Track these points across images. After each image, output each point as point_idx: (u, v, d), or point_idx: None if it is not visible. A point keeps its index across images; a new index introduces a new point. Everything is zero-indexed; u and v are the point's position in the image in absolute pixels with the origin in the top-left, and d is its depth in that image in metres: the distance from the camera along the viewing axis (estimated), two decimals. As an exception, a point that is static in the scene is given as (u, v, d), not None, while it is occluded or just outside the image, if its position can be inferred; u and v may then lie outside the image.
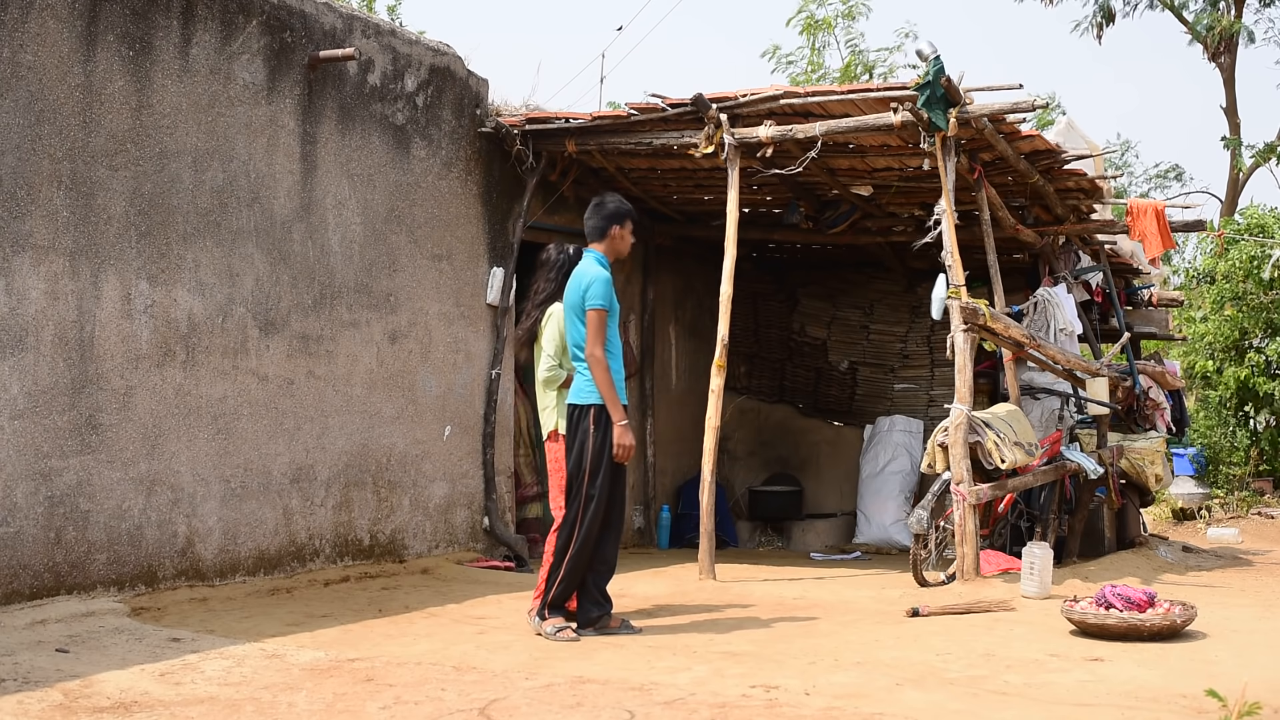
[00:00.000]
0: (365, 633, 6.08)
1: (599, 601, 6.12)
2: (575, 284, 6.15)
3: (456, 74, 8.88)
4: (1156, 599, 6.04)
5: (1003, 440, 7.47)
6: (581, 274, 6.15)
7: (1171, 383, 11.14)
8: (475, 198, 9.04)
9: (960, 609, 6.61)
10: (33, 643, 5.53)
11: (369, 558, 8.06)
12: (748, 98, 8.24)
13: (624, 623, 6.17)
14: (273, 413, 7.46)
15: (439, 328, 8.67)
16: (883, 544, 10.78)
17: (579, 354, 6.10)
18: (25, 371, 6.19)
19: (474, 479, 8.92)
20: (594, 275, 6.09)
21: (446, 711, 4.53)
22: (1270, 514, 13.94)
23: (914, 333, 12.03)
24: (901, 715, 4.46)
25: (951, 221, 7.75)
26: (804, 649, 5.67)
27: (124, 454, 6.64)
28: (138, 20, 6.76)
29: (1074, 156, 9.02)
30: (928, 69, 7.40)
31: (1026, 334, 8.40)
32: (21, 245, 6.20)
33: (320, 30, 7.80)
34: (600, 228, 6.29)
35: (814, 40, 21.45)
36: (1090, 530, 9.62)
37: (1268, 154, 22.48)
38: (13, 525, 6.10)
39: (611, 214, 6.31)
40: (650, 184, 10.23)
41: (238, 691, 4.84)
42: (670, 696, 4.73)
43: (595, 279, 6.07)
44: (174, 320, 6.94)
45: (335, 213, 7.92)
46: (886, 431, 11.32)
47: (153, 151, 6.84)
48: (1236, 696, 3.92)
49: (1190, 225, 10.69)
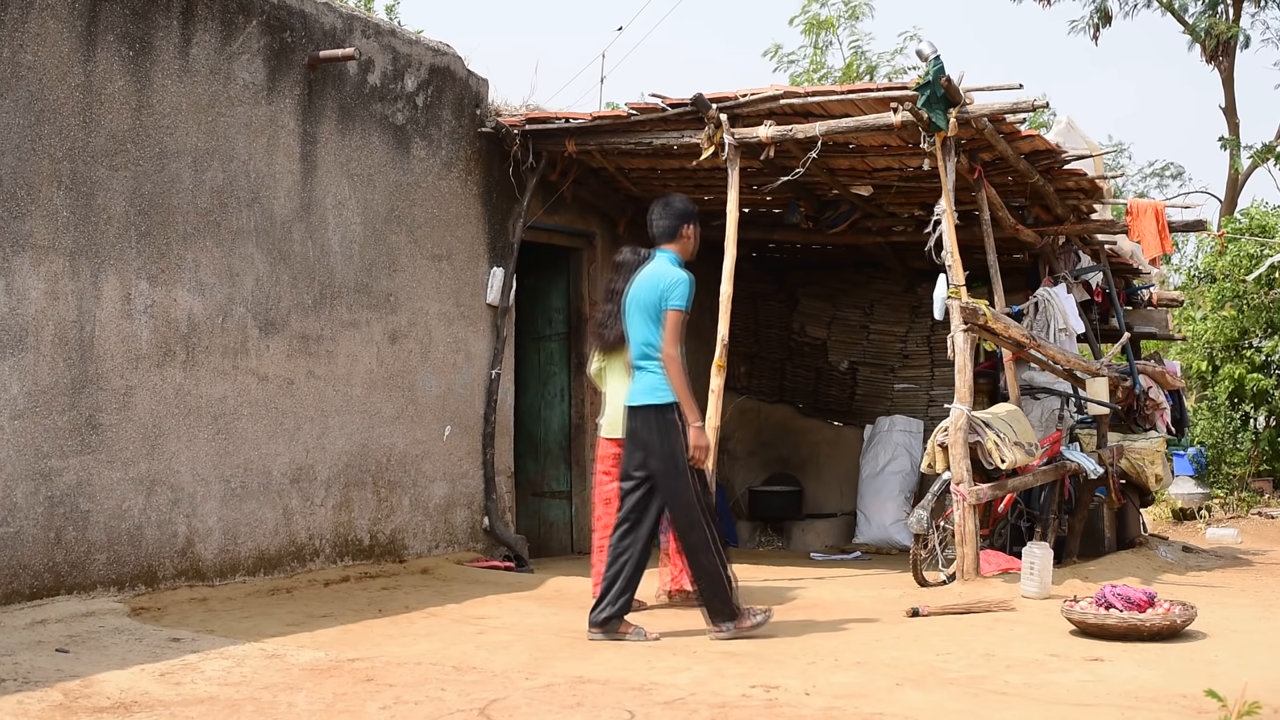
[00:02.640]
0: (365, 633, 6.08)
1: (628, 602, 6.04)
2: (651, 283, 6.02)
3: (456, 74, 8.88)
4: (1156, 599, 6.04)
5: (1003, 440, 7.47)
6: (660, 274, 6.03)
7: (1171, 383, 11.14)
8: (475, 198, 9.04)
9: (960, 609, 6.61)
10: (33, 643, 5.53)
11: (369, 558, 8.06)
12: (748, 98, 8.24)
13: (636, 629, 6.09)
14: (273, 413, 7.47)
15: (439, 328, 8.67)
16: (883, 544, 10.78)
17: (650, 353, 5.98)
18: (25, 371, 6.19)
19: (474, 479, 8.91)
20: (677, 276, 5.98)
21: (446, 711, 4.53)
22: (1270, 514, 13.95)
23: (914, 333, 12.02)
24: (901, 715, 4.46)
25: (951, 221, 7.75)
26: (804, 649, 5.67)
27: (124, 454, 6.64)
28: (138, 20, 6.76)
29: (1074, 156, 9.02)
30: (928, 69, 7.40)
31: (1026, 334, 8.40)
32: (21, 245, 6.20)
33: (320, 30, 7.80)
34: (673, 227, 6.18)
35: (816, 40, 21.43)
36: (1090, 530, 9.62)
37: (1266, 154, 22.47)
38: (13, 525, 6.10)
39: (682, 213, 6.21)
40: (650, 184, 10.23)
41: (238, 691, 4.84)
42: (670, 696, 4.73)
43: (680, 280, 5.97)
44: (174, 320, 6.94)
45: (335, 213, 7.92)
46: (886, 431, 11.32)
47: (153, 151, 6.84)
48: (1236, 696, 3.92)
49: (1190, 225, 10.70)
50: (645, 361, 6.01)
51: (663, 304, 5.94)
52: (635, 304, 6.08)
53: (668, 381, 5.92)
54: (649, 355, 5.99)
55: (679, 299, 5.93)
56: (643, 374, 6.02)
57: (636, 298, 6.08)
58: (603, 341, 6.92)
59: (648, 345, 5.99)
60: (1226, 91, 23.67)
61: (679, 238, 6.19)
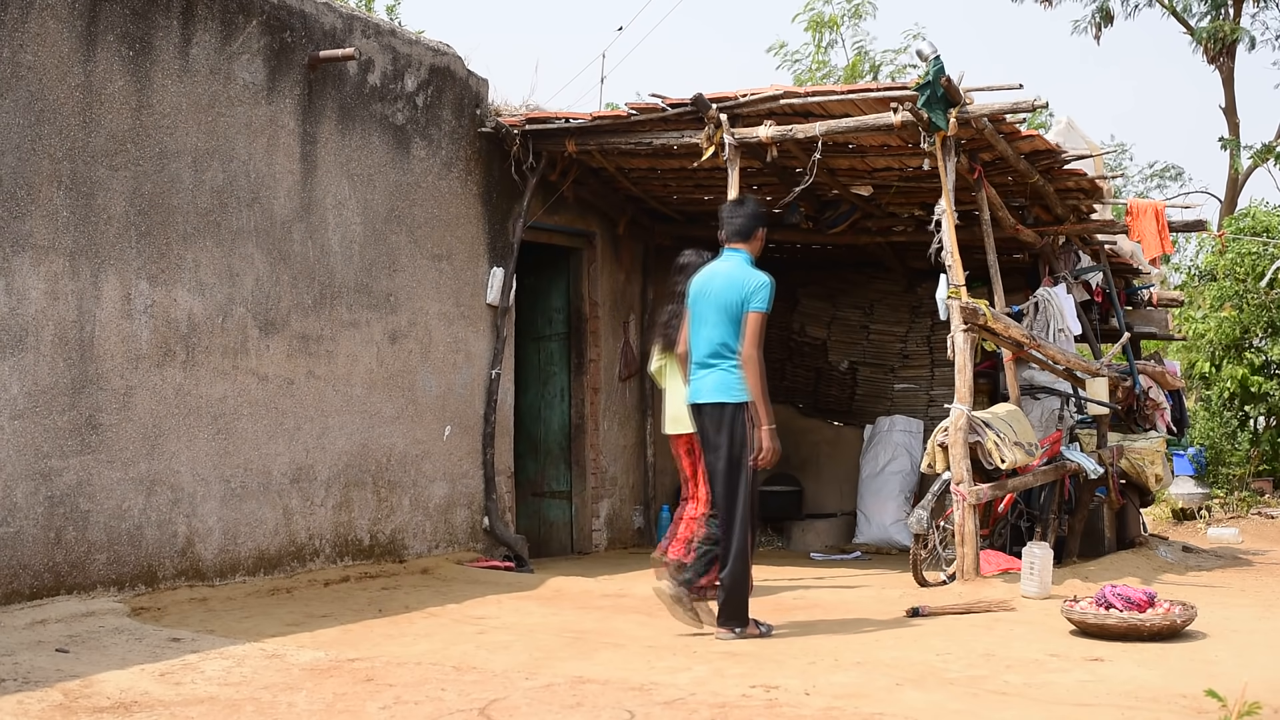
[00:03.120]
0: (365, 633, 6.08)
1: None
2: (735, 284, 5.99)
3: (456, 74, 8.89)
4: (1156, 599, 6.04)
5: (1003, 440, 7.47)
6: (744, 275, 6.01)
7: (1171, 383, 11.14)
8: (475, 198, 9.04)
9: (960, 609, 6.61)
10: (33, 643, 5.53)
11: (369, 558, 8.06)
12: (748, 98, 8.24)
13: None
14: (273, 413, 7.47)
15: (439, 328, 8.67)
16: (883, 544, 10.78)
17: (724, 352, 5.96)
18: (25, 371, 6.19)
19: (474, 479, 8.91)
20: (761, 279, 5.99)
21: (446, 711, 4.53)
22: (1270, 514, 13.94)
23: (914, 333, 12.02)
24: (901, 715, 4.46)
25: (951, 221, 7.75)
26: (804, 649, 5.67)
27: (124, 454, 6.64)
28: (138, 20, 6.76)
29: (1074, 156, 9.02)
30: (928, 69, 7.40)
31: (1026, 334, 8.40)
32: (21, 245, 6.20)
33: (320, 30, 7.80)
34: (750, 228, 6.16)
35: (819, 38, 21.42)
36: (1090, 530, 9.62)
37: (1266, 154, 22.47)
38: (13, 525, 6.10)
39: (757, 214, 6.20)
40: (650, 184, 10.23)
41: (238, 691, 4.84)
42: (670, 696, 4.73)
43: (765, 283, 5.98)
44: (174, 320, 6.94)
45: (335, 213, 7.92)
46: (886, 431, 11.31)
47: (153, 151, 6.84)
48: (1236, 696, 3.92)
49: (1190, 225, 10.69)
50: (717, 360, 5.98)
51: (745, 305, 5.94)
52: (711, 303, 6.03)
53: (743, 381, 5.91)
54: (722, 354, 5.97)
55: (762, 301, 5.95)
56: (713, 371, 5.99)
57: (714, 296, 6.03)
58: (667, 340, 6.99)
59: (722, 344, 5.97)
60: (1227, 91, 23.67)
61: (753, 238, 6.18)
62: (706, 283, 6.11)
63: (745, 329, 5.91)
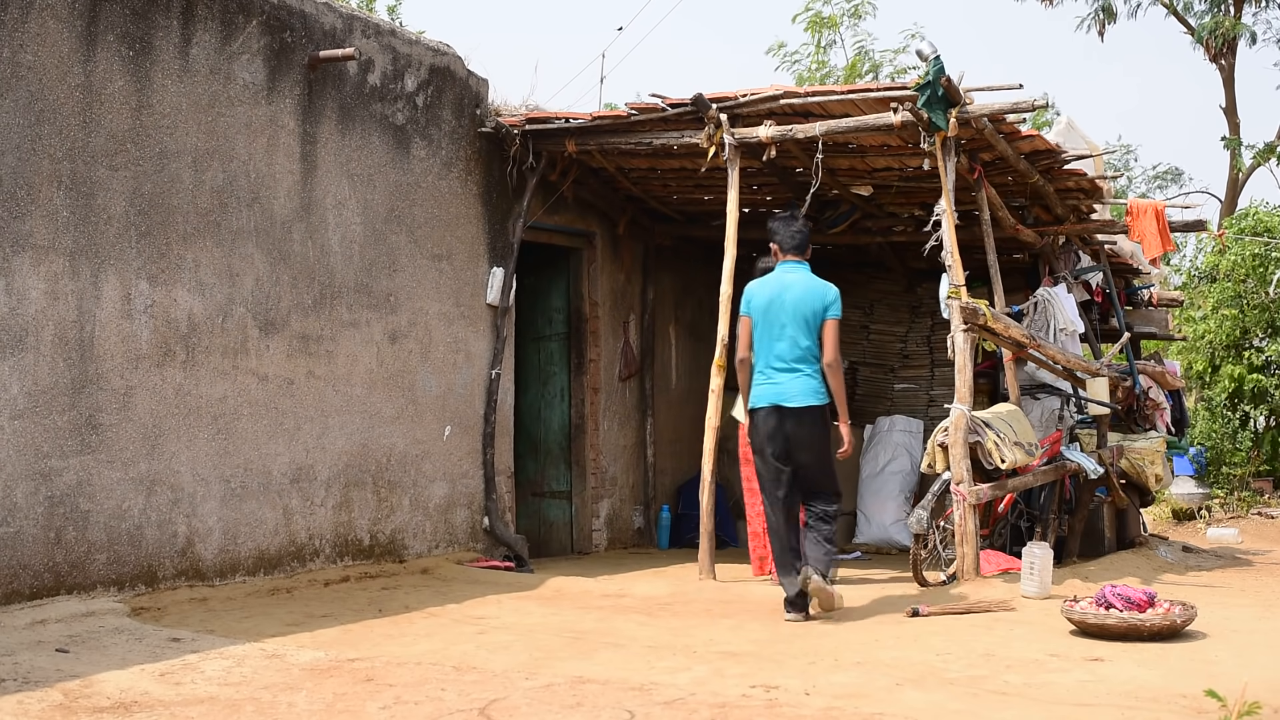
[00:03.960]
0: (365, 633, 6.08)
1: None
2: (815, 295, 6.57)
3: (456, 74, 8.89)
4: (1156, 599, 6.03)
5: (1003, 440, 7.47)
6: (821, 287, 6.61)
7: (1171, 383, 11.14)
8: (475, 198, 9.04)
9: (960, 609, 6.61)
10: (33, 643, 5.53)
11: (369, 558, 8.06)
12: (748, 98, 8.24)
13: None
14: (273, 413, 7.47)
15: (439, 328, 8.67)
16: (883, 544, 10.77)
17: (808, 357, 6.52)
18: (25, 371, 6.20)
19: (474, 479, 8.92)
20: (835, 290, 6.61)
21: (446, 711, 4.53)
22: (1270, 514, 13.95)
23: (914, 333, 12.02)
24: (901, 715, 4.46)
25: (951, 221, 7.75)
26: (804, 649, 5.67)
27: (124, 454, 6.64)
28: (138, 20, 6.76)
29: (1074, 156, 9.02)
30: (928, 69, 7.40)
31: (1026, 334, 8.40)
32: (21, 245, 6.20)
33: (320, 30, 7.80)
34: (806, 242, 6.79)
35: (819, 38, 21.42)
36: (1090, 530, 9.62)
37: (1267, 154, 22.48)
38: (13, 525, 6.11)
39: (808, 229, 6.85)
40: (650, 184, 10.23)
41: (238, 691, 4.84)
42: (670, 696, 4.73)
43: (838, 294, 6.62)
44: (174, 320, 6.94)
45: (335, 213, 7.92)
46: (886, 431, 11.31)
47: (153, 151, 6.84)
48: (1236, 696, 3.92)
49: (1190, 225, 10.69)
50: (801, 364, 6.53)
51: (825, 314, 6.56)
52: (789, 312, 6.57)
53: (825, 384, 6.51)
54: (806, 359, 6.53)
55: (838, 310, 6.62)
56: (799, 376, 6.52)
57: (791, 306, 6.57)
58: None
59: (806, 350, 6.54)
60: (1227, 91, 23.67)
61: (809, 250, 6.81)
62: (780, 293, 6.61)
63: (826, 336, 6.53)
